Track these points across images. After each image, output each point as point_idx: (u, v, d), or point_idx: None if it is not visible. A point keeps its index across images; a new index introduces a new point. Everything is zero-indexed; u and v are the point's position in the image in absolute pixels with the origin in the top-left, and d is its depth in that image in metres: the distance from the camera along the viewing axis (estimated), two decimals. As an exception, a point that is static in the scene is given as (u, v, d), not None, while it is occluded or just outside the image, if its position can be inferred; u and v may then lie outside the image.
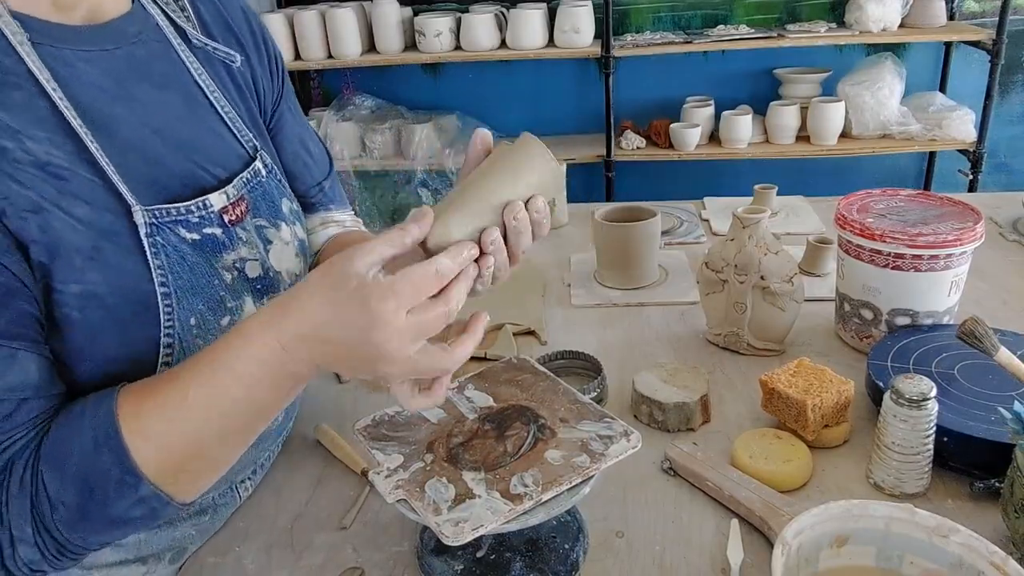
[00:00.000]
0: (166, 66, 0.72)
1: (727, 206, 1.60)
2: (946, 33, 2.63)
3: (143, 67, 0.70)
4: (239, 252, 0.72)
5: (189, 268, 0.67)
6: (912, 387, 0.76)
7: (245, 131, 0.78)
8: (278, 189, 0.80)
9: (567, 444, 0.68)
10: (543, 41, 2.72)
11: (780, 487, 0.79)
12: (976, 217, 1.00)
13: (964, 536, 0.60)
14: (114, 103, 0.66)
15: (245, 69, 0.81)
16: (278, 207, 0.79)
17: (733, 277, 1.04)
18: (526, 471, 0.65)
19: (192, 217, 0.68)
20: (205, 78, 0.75)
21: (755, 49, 2.67)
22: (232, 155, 0.76)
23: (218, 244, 0.70)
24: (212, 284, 0.69)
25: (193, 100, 0.74)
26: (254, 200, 0.76)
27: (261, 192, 0.77)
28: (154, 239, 0.64)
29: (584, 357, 0.99)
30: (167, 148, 0.69)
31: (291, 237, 0.80)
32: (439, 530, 0.60)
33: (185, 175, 0.70)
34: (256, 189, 0.76)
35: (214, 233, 0.70)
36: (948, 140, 2.66)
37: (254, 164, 0.77)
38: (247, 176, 0.75)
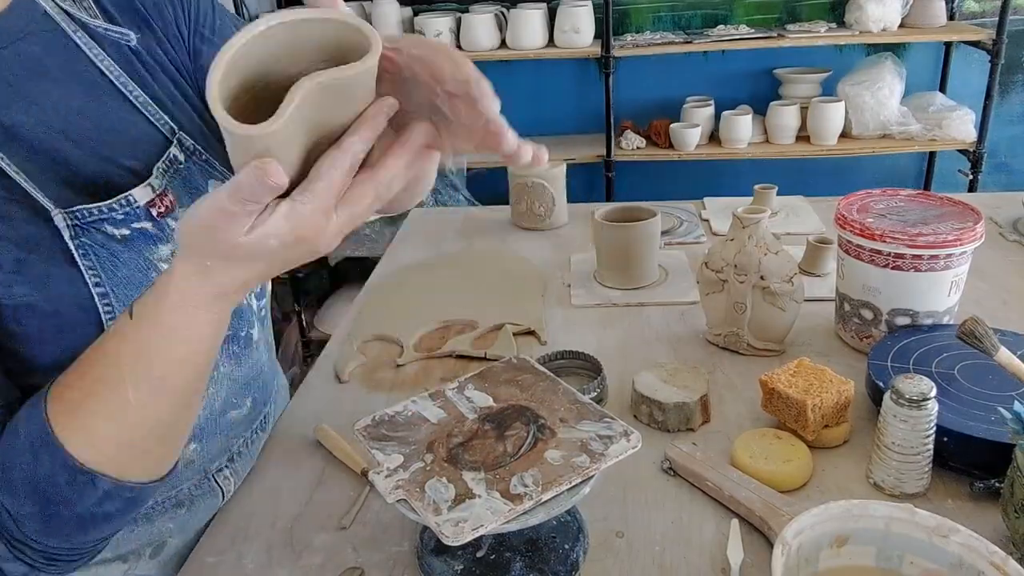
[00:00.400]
0: (62, 57, 0.66)
1: (727, 206, 1.60)
2: (946, 33, 2.63)
3: (37, 63, 0.65)
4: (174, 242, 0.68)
5: (123, 264, 0.65)
6: (912, 387, 0.76)
7: (159, 113, 0.72)
8: (203, 171, 0.75)
9: (567, 444, 0.68)
10: (543, 41, 2.72)
11: (780, 487, 0.79)
12: (976, 217, 1.00)
13: (964, 536, 0.60)
14: (11, 109, 0.62)
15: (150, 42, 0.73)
16: (203, 191, 0.74)
17: (733, 277, 1.04)
18: (526, 471, 0.65)
19: (116, 215, 0.65)
20: (108, 63, 0.69)
21: (755, 49, 2.67)
22: (147, 142, 0.70)
23: (150, 237, 0.67)
24: (149, 276, 0.66)
25: (97, 89, 0.68)
26: (176, 191, 0.71)
27: (181, 180, 0.72)
28: (79, 240, 0.62)
29: (584, 357, 0.99)
30: (75, 148, 0.65)
31: None
32: (439, 530, 0.60)
33: (98, 173, 0.66)
34: (175, 178, 0.71)
35: (144, 227, 0.67)
36: (948, 140, 2.66)
37: (169, 151, 0.71)
38: (163, 166, 0.70)
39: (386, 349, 1.16)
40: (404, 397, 0.95)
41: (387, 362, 1.12)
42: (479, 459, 0.67)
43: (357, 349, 1.15)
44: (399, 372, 1.10)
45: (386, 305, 1.29)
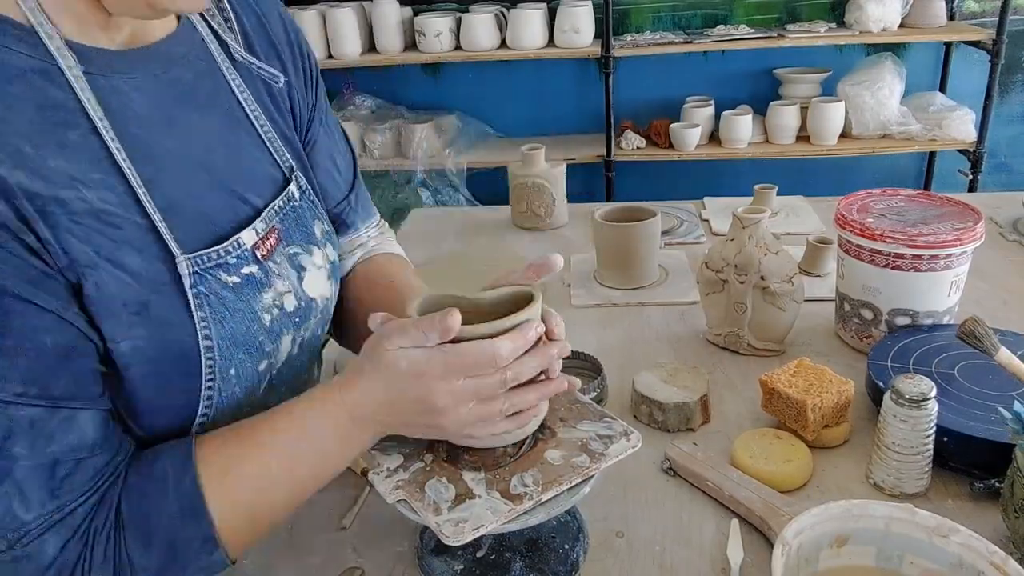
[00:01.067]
0: (210, 86, 0.71)
1: (727, 206, 1.60)
2: (946, 33, 2.63)
3: (188, 90, 0.68)
4: (276, 287, 0.71)
5: (231, 315, 0.66)
6: (912, 387, 0.76)
7: (283, 151, 0.76)
8: (311, 212, 0.78)
9: (567, 444, 0.68)
10: (543, 41, 2.72)
11: (780, 487, 0.79)
12: (976, 217, 1.00)
13: (964, 536, 0.60)
14: (163, 135, 0.64)
15: (284, 87, 0.79)
16: (311, 231, 0.77)
17: (733, 277, 1.04)
18: (526, 471, 0.65)
19: (230, 258, 0.67)
20: (247, 96, 0.73)
21: (755, 49, 2.67)
22: (268, 179, 0.74)
23: (256, 283, 0.69)
24: (252, 330, 0.68)
25: (234, 120, 0.72)
26: (286, 228, 0.74)
27: (294, 218, 0.75)
28: (197, 289, 0.63)
29: (584, 357, 0.99)
30: (211, 180, 0.68)
31: (323, 261, 0.78)
32: (439, 530, 0.60)
33: (226, 208, 0.69)
34: (289, 215, 0.74)
35: (252, 272, 0.68)
36: (948, 140, 2.66)
37: (288, 189, 0.75)
38: (279, 204, 0.73)
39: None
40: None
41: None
42: (479, 459, 0.67)
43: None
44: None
45: (386, 305, 1.29)
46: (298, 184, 0.77)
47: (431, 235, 1.62)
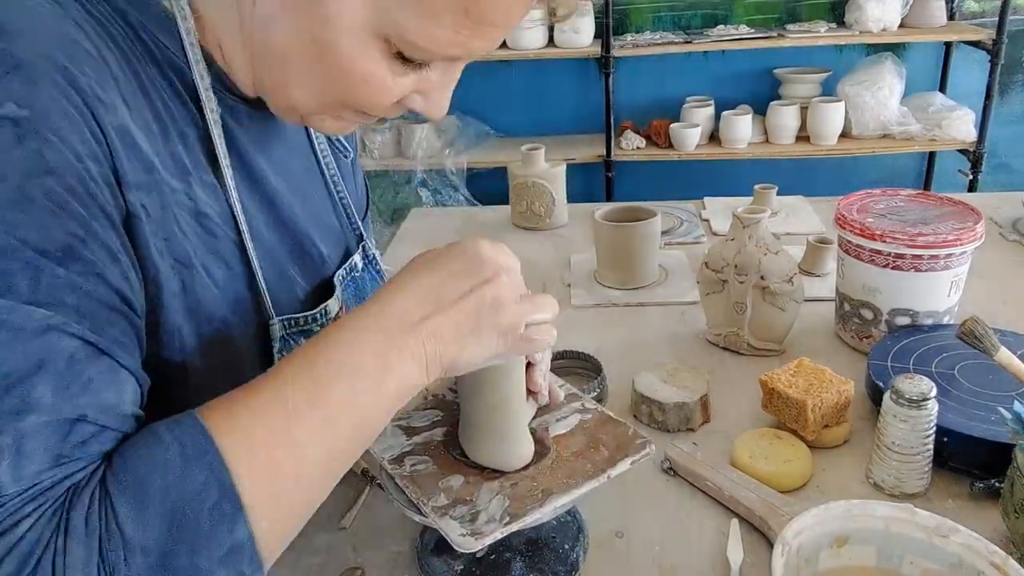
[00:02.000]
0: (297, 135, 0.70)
1: (727, 206, 1.60)
2: (946, 33, 2.63)
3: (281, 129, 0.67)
4: None
5: None
6: (912, 387, 0.76)
7: (354, 218, 0.75)
8: (373, 283, 0.76)
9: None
10: (543, 41, 2.72)
11: (780, 487, 0.79)
12: (976, 217, 1.00)
13: (964, 536, 0.60)
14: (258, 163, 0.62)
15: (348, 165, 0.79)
16: None
17: (733, 277, 1.04)
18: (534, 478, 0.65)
19: (316, 326, 0.65)
20: (328, 159, 0.72)
21: (755, 49, 2.67)
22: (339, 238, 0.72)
23: None
24: None
25: (314, 175, 0.71)
26: (345, 299, 0.70)
27: (353, 289, 0.72)
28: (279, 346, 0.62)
29: (584, 357, 0.99)
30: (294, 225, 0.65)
31: None
32: (451, 538, 0.59)
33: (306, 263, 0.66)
34: (349, 286, 0.71)
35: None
36: (948, 140, 2.66)
37: (353, 258, 0.72)
38: (344, 272, 0.71)
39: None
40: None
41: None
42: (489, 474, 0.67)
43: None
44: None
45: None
46: (364, 253, 0.75)
47: (431, 235, 1.62)
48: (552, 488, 0.63)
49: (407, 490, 0.63)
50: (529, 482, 0.64)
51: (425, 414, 0.74)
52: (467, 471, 0.66)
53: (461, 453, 0.68)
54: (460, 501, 0.62)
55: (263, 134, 0.64)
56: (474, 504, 0.62)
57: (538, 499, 0.62)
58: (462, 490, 0.64)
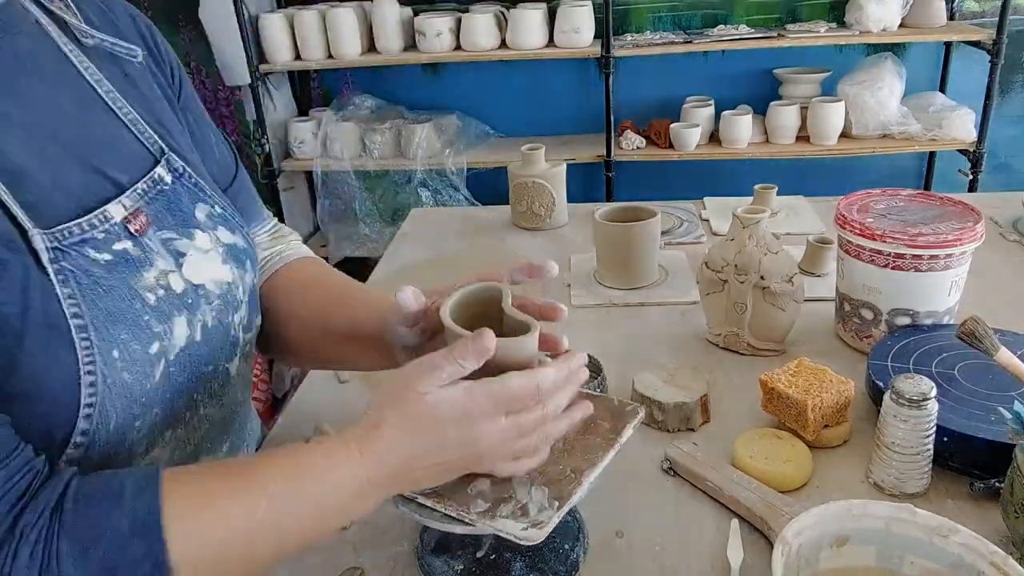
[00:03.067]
0: (54, 64, 0.66)
1: (727, 206, 1.60)
2: (946, 33, 2.63)
3: (30, 61, 0.63)
4: (158, 266, 0.66)
5: (105, 293, 0.60)
6: (912, 387, 0.76)
7: (148, 132, 0.71)
8: (191, 195, 0.73)
9: None
10: (543, 41, 2.72)
11: (780, 487, 0.79)
12: (976, 217, 1.00)
13: (964, 536, 0.60)
14: (4, 99, 0.59)
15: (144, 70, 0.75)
16: (189, 215, 0.72)
17: (733, 277, 1.04)
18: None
19: (97, 233, 0.61)
20: (98, 77, 0.68)
21: (755, 49, 2.67)
22: (135, 158, 0.69)
23: (133, 261, 0.64)
24: (134, 308, 0.62)
25: (87, 99, 0.67)
26: (155, 212, 0.68)
27: (164, 202, 0.69)
28: (59, 265, 0.58)
29: (584, 357, 0.99)
30: (65, 153, 0.62)
31: (211, 244, 0.72)
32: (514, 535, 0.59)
33: (89, 183, 0.63)
34: (157, 199, 0.69)
35: (125, 248, 0.64)
36: (948, 140, 2.66)
37: (154, 171, 0.69)
38: (144, 187, 0.68)
39: (386, 349, 1.16)
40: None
41: (387, 362, 1.12)
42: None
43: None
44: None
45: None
46: (170, 166, 0.71)
47: (431, 235, 1.62)
48: (579, 466, 0.65)
49: (439, 507, 0.63)
50: (553, 467, 0.66)
51: None
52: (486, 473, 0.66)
53: None
54: (500, 501, 0.63)
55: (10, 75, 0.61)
56: (516, 500, 0.63)
57: (571, 479, 0.64)
58: (495, 491, 0.64)
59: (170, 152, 0.72)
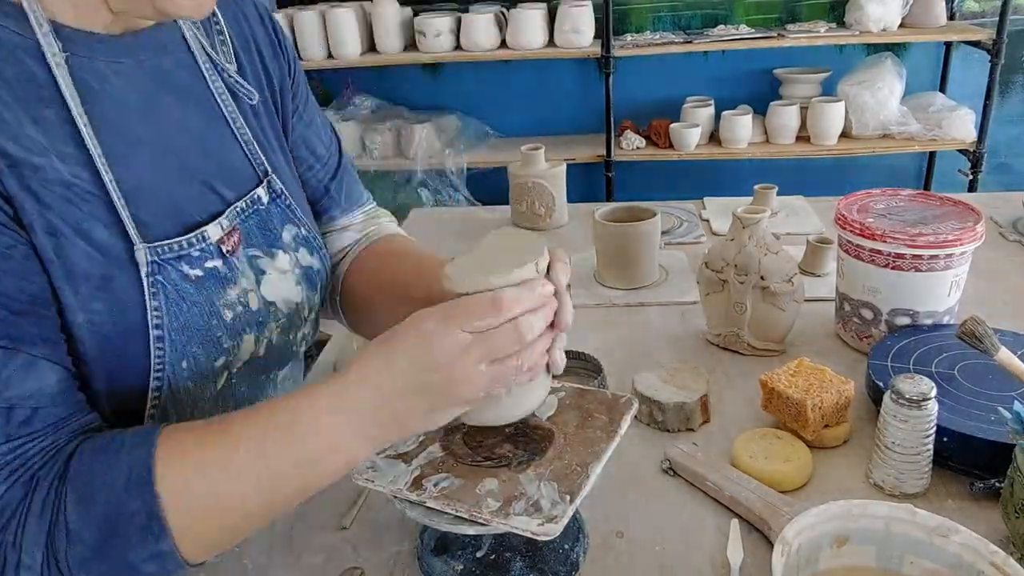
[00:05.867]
0: (188, 78, 0.73)
1: (727, 206, 1.60)
2: (946, 33, 2.63)
3: (168, 79, 0.70)
4: (241, 284, 0.72)
5: (188, 309, 0.66)
6: (912, 387, 0.76)
7: (258, 153, 0.77)
8: (282, 216, 0.79)
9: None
10: (543, 41, 2.72)
11: (780, 487, 0.79)
12: (976, 217, 1.00)
13: (964, 536, 0.60)
14: (138, 121, 0.66)
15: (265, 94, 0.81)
16: (277, 235, 0.78)
17: (733, 277, 1.04)
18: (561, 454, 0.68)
19: (193, 251, 0.67)
20: (225, 96, 0.75)
21: (755, 49, 2.67)
22: (241, 175, 0.75)
23: (220, 279, 0.70)
24: (210, 325, 0.68)
25: (213, 115, 0.74)
26: (247, 229, 0.74)
27: (257, 220, 0.75)
28: (155, 278, 0.64)
29: (584, 357, 0.99)
30: (182, 168, 0.69)
31: (290, 265, 0.78)
32: (532, 529, 0.60)
33: (196, 198, 0.70)
34: (251, 217, 0.75)
35: (216, 267, 0.69)
36: (948, 140, 2.66)
37: (254, 192, 0.76)
38: (243, 205, 0.74)
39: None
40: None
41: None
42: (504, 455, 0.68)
43: (357, 349, 1.15)
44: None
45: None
46: (270, 188, 0.78)
47: (431, 235, 1.62)
48: (583, 459, 0.66)
49: (449, 509, 0.63)
50: (558, 462, 0.67)
51: None
52: (494, 472, 0.66)
53: (471, 456, 0.68)
54: (511, 498, 0.63)
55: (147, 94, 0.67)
56: (527, 496, 0.63)
57: (578, 472, 0.65)
58: (503, 489, 0.64)
59: (272, 174, 0.78)
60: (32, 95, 0.59)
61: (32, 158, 0.57)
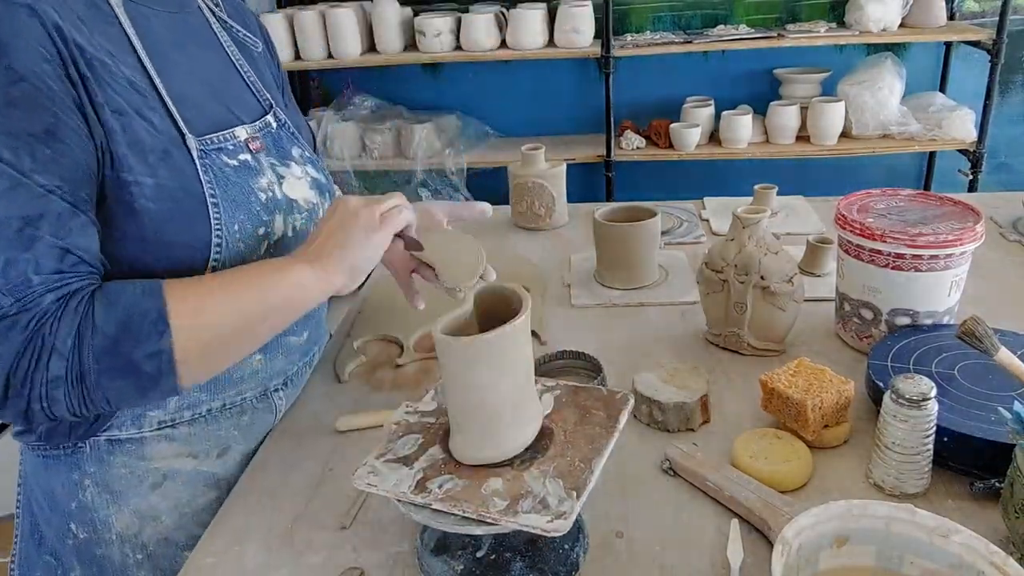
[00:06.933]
0: (206, 35, 0.92)
1: (727, 206, 1.60)
2: (946, 33, 2.63)
3: (192, 31, 0.89)
4: (267, 176, 0.88)
5: (232, 185, 0.82)
6: (912, 387, 0.76)
7: (263, 91, 0.96)
8: (289, 138, 0.96)
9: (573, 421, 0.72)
10: (543, 41, 2.72)
11: (780, 487, 0.79)
12: (976, 217, 1.00)
13: (964, 536, 0.60)
14: (174, 52, 0.84)
15: (261, 57, 1.00)
16: (287, 151, 0.95)
17: (733, 277, 1.04)
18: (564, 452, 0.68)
19: (228, 144, 0.85)
20: (233, 49, 0.94)
21: (755, 49, 2.67)
22: (253, 107, 0.93)
23: (251, 169, 0.86)
24: (250, 200, 0.84)
25: (224, 63, 0.93)
26: (266, 143, 0.91)
27: (271, 139, 0.93)
28: (203, 161, 0.80)
29: (584, 357, 0.99)
30: (208, 94, 0.86)
31: (302, 174, 0.95)
32: (543, 526, 0.60)
33: (220, 116, 0.86)
34: (266, 136, 0.92)
35: (246, 159, 0.86)
36: (948, 140, 2.66)
37: (266, 117, 0.94)
38: (258, 125, 0.91)
39: (386, 349, 1.16)
40: (404, 397, 0.95)
41: (387, 362, 1.12)
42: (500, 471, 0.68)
43: (357, 349, 1.15)
44: (399, 372, 1.10)
45: (386, 305, 1.29)
46: (276, 116, 0.96)
47: (431, 235, 1.62)
48: (585, 455, 0.67)
49: (456, 510, 0.63)
50: (561, 459, 0.67)
51: (403, 441, 0.74)
52: (497, 472, 0.67)
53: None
54: (518, 497, 0.63)
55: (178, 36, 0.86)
56: (533, 494, 0.63)
57: (581, 468, 0.66)
58: (509, 488, 0.65)
59: (276, 108, 0.97)
60: (99, 18, 0.76)
61: (102, 56, 0.73)
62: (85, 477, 0.86)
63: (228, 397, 0.92)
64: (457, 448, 0.69)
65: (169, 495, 0.90)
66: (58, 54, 0.69)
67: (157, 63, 0.80)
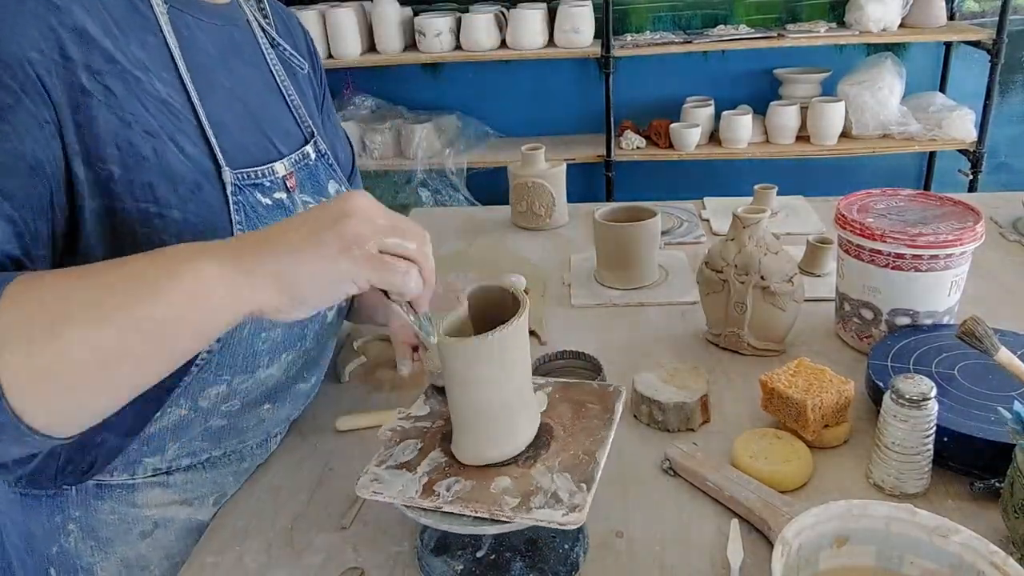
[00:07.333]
0: (253, 53, 0.85)
1: (727, 206, 1.60)
2: (946, 33, 2.63)
3: (238, 47, 0.82)
4: None
5: (263, 226, 0.73)
6: (912, 387, 0.76)
7: (305, 117, 0.89)
8: (326, 171, 0.90)
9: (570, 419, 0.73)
10: (543, 41, 2.72)
11: (780, 487, 0.79)
12: (976, 217, 1.00)
13: (964, 536, 0.60)
14: (216, 68, 0.77)
15: (306, 78, 0.94)
16: (323, 187, 0.88)
17: (733, 277, 1.04)
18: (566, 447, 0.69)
19: (265, 181, 0.77)
20: (279, 68, 0.87)
21: (755, 49, 2.67)
22: (292, 135, 0.86)
23: (285, 208, 0.80)
24: None
25: (269, 84, 0.86)
26: (300, 178, 0.84)
27: (308, 173, 0.86)
28: (237, 198, 0.73)
29: (584, 357, 0.99)
30: (248, 120, 0.79)
31: None
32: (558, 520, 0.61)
33: (260, 146, 0.80)
34: (303, 169, 0.85)
35: (282, 198, 0.79)
36: (948, 140, 2.66)
37: (304, 148, 0.86)
38: (296, 157, 0.84)
39: (386, 349, 1.16)
40: (404, 397, 0.95)
41: (387, 362, 1.12)
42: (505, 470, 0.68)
43: (357, 349, 1.15)
44: (399, 372, 1.10)
45: (386, 305, 1.29)
46: (316, 147, 0.89)
47: (431, 235, 1.61)
48: (588, 448, 0.68)
49: (467, 511, 0.63)
50: (564, 454, 0.68)
51: (402, 447, 0.73)
52: (502, 471, 0.67)
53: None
54: (529, 494, 0.64)
55: (223, 52, 0.79)
56: (543, 490, 0.64)
57: (586, 461, 0.66)
58: (518, 486, 0.65)
59: (317, 137, 0.90)
60: (138, 25, 0.69)
61: (135, 71, 0.67)
62: (69, 521, 0.80)
63: (231, 446, 0.86)
64: (461, 449, 0.69)
65: (160, 544, 0.83)
66: (60, 50, 0.61)
67: (198, 82, 0.72)
